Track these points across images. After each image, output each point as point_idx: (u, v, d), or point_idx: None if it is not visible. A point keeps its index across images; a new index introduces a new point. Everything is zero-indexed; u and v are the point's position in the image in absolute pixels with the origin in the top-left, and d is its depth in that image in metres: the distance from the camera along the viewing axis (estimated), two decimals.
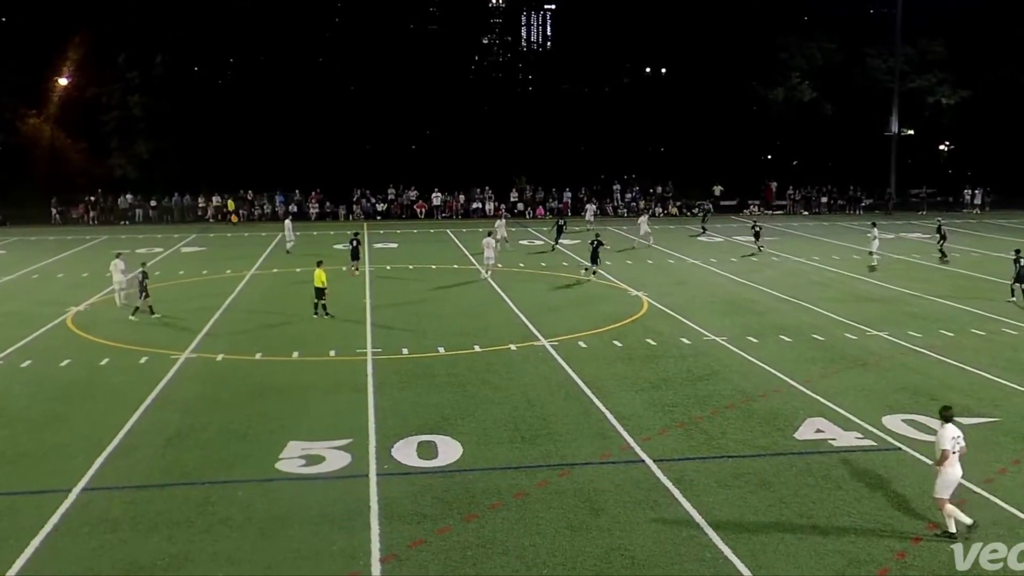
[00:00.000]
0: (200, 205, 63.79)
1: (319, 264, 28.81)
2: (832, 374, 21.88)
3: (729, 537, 13.01)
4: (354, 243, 37.72)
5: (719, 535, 13.07)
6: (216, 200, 63.71)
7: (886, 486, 14.97)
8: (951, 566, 12.15)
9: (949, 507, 13.03)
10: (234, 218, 62.19)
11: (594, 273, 36.01)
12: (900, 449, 16.67)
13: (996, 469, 15.64)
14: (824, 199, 69.13)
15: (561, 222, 47.39)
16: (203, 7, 67.01)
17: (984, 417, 18.40)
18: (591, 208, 59.37)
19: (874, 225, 43.09)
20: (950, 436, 13.08)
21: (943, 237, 41.62)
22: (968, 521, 13.00)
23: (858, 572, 12.07)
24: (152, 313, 28.43)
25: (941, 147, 77.51)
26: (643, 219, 48.36)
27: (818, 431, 17.69)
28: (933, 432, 17.33)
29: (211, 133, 65.93)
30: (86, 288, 34.15)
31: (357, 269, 37.00)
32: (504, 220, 50.23)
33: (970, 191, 69.66)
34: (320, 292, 28.34)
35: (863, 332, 26.37)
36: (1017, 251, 32.00)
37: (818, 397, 19.89)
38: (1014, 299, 30.98)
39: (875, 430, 17.70)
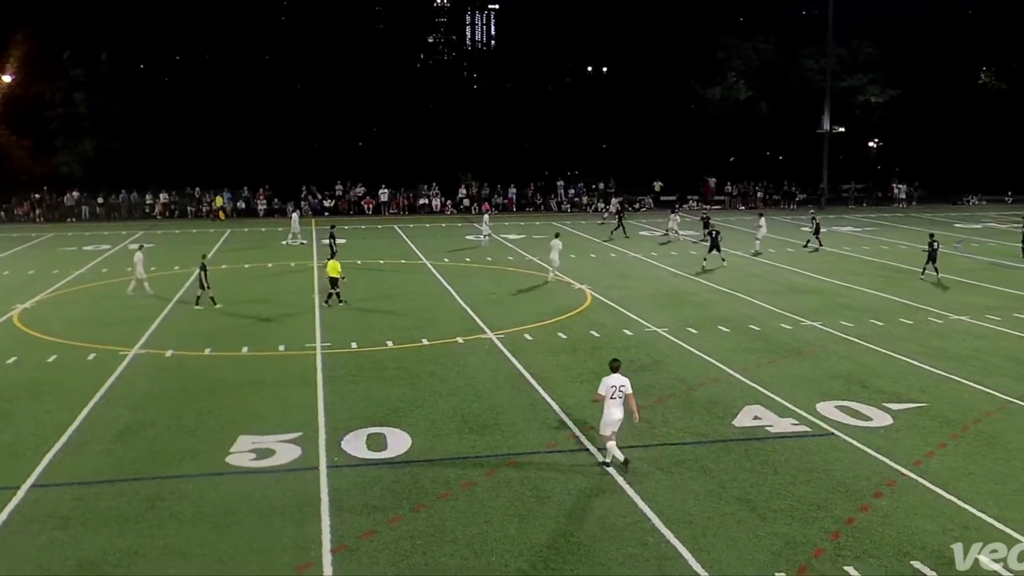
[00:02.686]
0: (147, 202, 62.77)
1: (332, 256, 31.45)
2: (769, 363, 22.18)
3: (671, 521, 13.14)
4: (332, 235, 37.46)
5: (661, 520, 13.19)
6: (163, 197, 62.79)
7: (820, 470, 15.21)
8: (882, 546, 12.44)
9: (610, 443, 15.05)
10: (221, 214, 61.88)
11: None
12: (833, 434, 16.94)
13: (924, 452, 15.98)
14: (760, 194, 70.19)
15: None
16: (147, 6, 65.87)
17: (912, 403, 18.80)
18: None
19: (761, 215, 45.37)
20: (609, 384, 15.00)
21: (816, 229, 43.97)
22: (621, 458, 15.01)
23: (794, 553, 12.25)
24: (214, 304, 28.86)
25: (871, 144, 78.93)
26: (673, 216, 49.01)
27: (756, 418, 17.90)
28: (865, 418, 17.89)
29: (158, 131, 64.92)
30: (32, 285, 33.45)
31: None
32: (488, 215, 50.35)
33: (897, 186, 71.27)
34: (334, 282, 29.12)
35: (798, 322, 26.79)
36: (931, 235, 35.97)
37: (755, 385, 20.15)
38: (923, 276, 34.37)
39: (810, 416, 17.97)
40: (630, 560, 12.02)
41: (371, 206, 64.91)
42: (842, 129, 72.29)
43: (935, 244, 35.34)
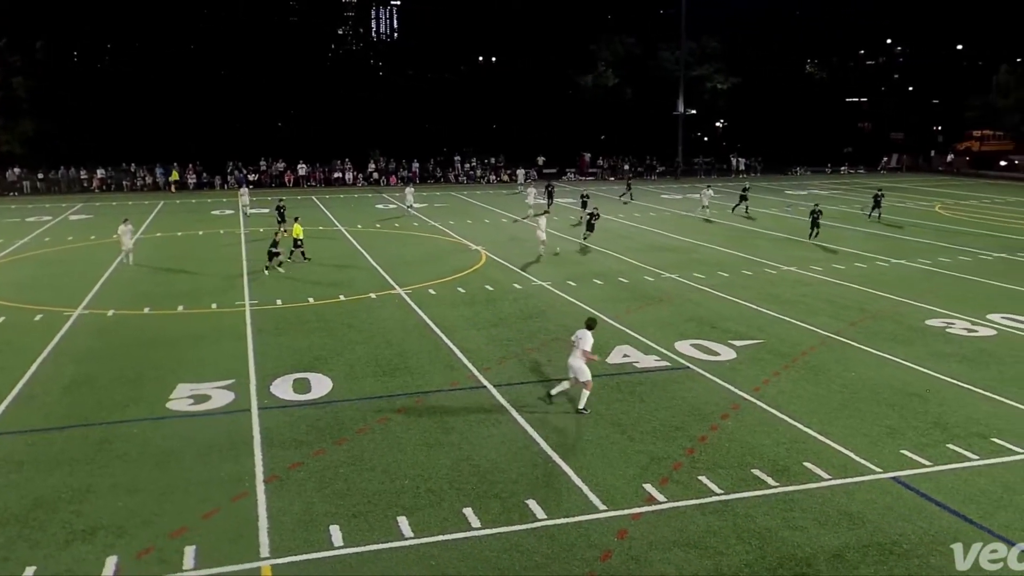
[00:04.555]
0: (83, 177, 59.83)
1: (296, 220, 31.04)
2: (635, 310, 22.64)
3: (557, 444, 13.38)
4: (280, 208, 36.14)
5: (548, 444, 13.42)
6: (100, 172, 59.96)
7: (678, 397, 15.63)
8: (729, 458, 12.92)
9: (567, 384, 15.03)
10: (173, 188, 59.76)
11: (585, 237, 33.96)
12: (688, 368, 17.41)
13: (762, 380, 16.60)
14: (627, 167, 71.09)
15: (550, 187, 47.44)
16: None
17: (752, 340, 19.47)
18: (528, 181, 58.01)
19: (708, 187, 45.78)
20: (576, 334, 14.86)
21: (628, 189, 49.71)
22: (553, 392, 15.21)
23: (658, 467, 12.62)
24: (272, 268, 27.83)
25: (717, 124, 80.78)
26: (706, 191, 45.59)
27: (625, 356, 18.25)
28: (714, 353, 18.41)
29: (93, 112, 61.78)
30: None
31: (285, 231, 35.30)
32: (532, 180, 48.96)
33: (737, 159, 73.33)
34: (296, 242, 29.71)
35: (659, 275, 27.39)
36: (879, 189, 41.79)
37: (625, 329, 20.56)
38: (871, 218, 39.29)
39: (669, 353, 18.44)
40: (523, 478, 12.22)
41: (291, 179, 63.39)
42: (693, 111, 73.62)
43: (879, 195, 40.34)
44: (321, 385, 16.35)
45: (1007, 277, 26.99)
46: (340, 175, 64.78)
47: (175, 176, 60.71)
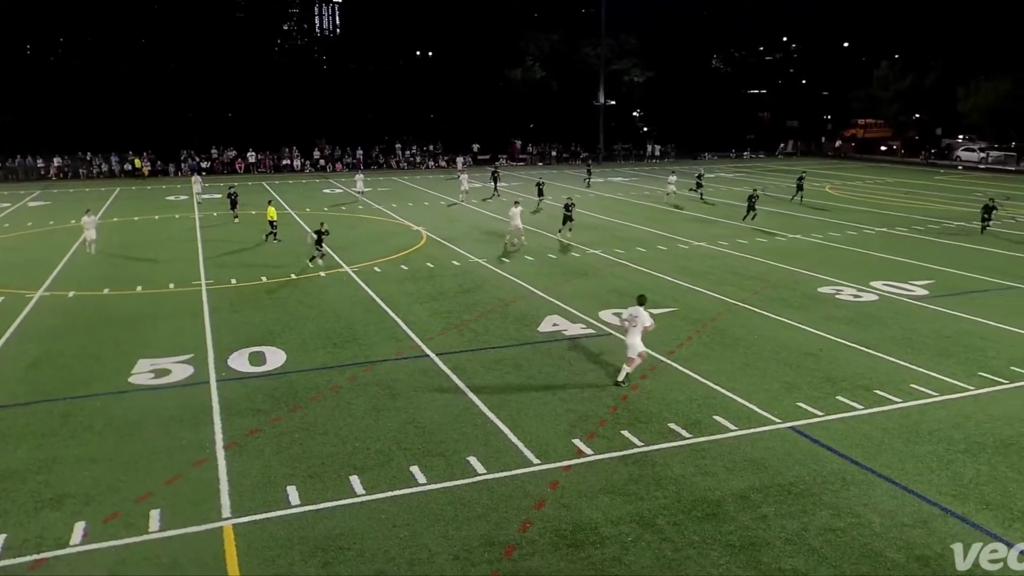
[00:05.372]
0: (40, 165, 57.25)
1: (269, 203, 30.49)
2: (563, 283, 22.75)
3: (494, 406, 13.43)
4: (232, 195, 35.04)
5: (487, 406, 13.46)
6: (57, 161, 57.44)
7: (602, 361, 15.82)
8: (648, 414, 13.14)
9: (628, 368, 14.44)
10: (145, 171, 57.97)
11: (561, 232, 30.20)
12: (611, 335, 17.58)
13: (676, 344, 16.91)
14: (554, 153, 71.27)
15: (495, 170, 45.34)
16: None
17: (667, 308, 19.74)
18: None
19: (673, 172, 44.73)
20: (627, 312, 14.49)
21: (589, 175, 49.06)
22: (620, 378, 14.40)
23: (585, 424, 12.76)
24: (318, 261, 24.84)
25: (634, 114, 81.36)
26: (671, 177, 42.76)
27: (554, 325, 18.34)
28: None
29: (49, 103, 59.05)
30: None
31: (237, 217, 34.27)
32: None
33: (652, 145, 74.11)
34: (272, 224, 29.02)
35: (584, 251, 27.59)
36: (803, 172, 42.49)
37: (554, 300, 20.65)
38: (792, 201, 39.38)
39: (594, 322, 18.62)
40: (464, 437, 12.25)
41: (242, 166, 61.73)
42: (613, 102, 74.04)
43: (802, 178, 40.61)
44: (275, 357, 16.08)
45: (887, 249, 27.97)
46: (288, 162, 63.37)
47: (139, 163, 58.56)
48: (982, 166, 65.20)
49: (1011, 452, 11.79)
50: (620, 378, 14.45)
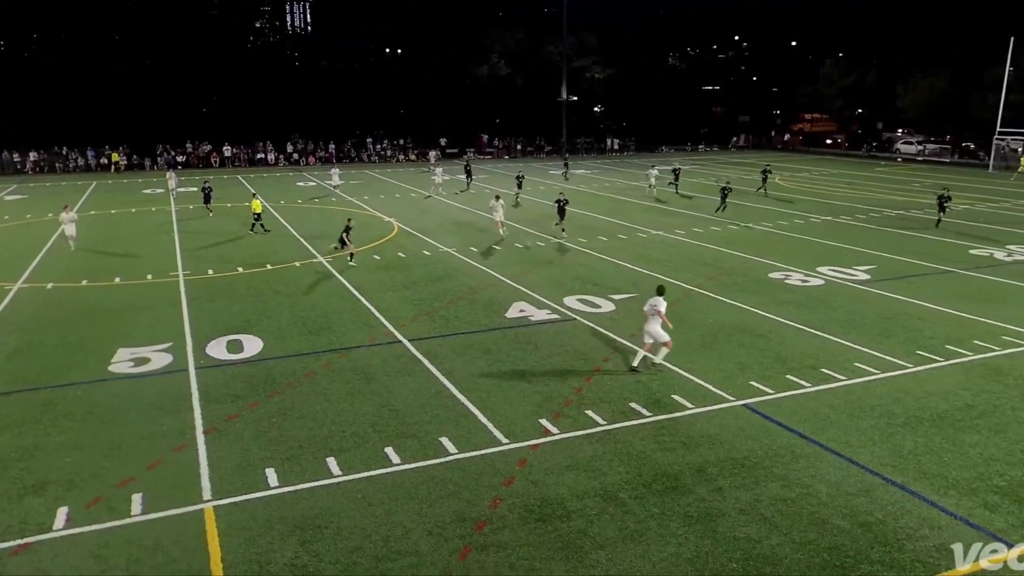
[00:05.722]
0: (17, 160, 55.72)
1: (254, 196, 30.29)
2: (530, 271, 22.78)
3: (464, 389, 13.45)
4: (206, 189, 34.27)
5: (457, 388, 13.48)
6: (33, 155, 55.99)
7: (567, 345, 15.90)
8: (610, 394, 13.28)
9: (643, 353, 14.38)
10: (122, 166, 56.60)
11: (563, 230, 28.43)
12: (575, 319, 17.71)
13: (636, 327, 16.77)
14: (519, 147, 71.18)
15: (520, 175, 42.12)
16: None
17: (627, 294, 19.92)
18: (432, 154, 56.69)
19: (653, 166, 43.61)
20: (648, 302, 14.25)
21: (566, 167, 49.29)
22: (634, 363, 14.38)
23: (551, 404, 12.84)
24: (351, 258, 23.64)
25: (595, 109, 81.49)
26: (652, 171, 42.10)
27: (521, 311, 18.39)
28: (597, 306, 18.74)
29: (26, 98, 57.36)
30: None
31: (211, 211, 33.46)
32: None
33: (611, 140, 74.37)
34: (257, 216, 28.87)
35: (549, 241, 27.65)
36: (767, 166, 42.77)
37: (521, 287, 20.70)
38: (758, 193, 39.00)
39: (559, 307, 18.69)
40: (435, 419, 12.27)
41: (217, 160, 60.73)
42: (575, 98, 74.01)
43: (767, 171, 40.91)
44: (253, 345, 15.93)
45: (832, 236, 28.48)
46: (263, 156, 62.50)
47: (116, 157, 57.18)
48: (920, 158, 66.55)
49: (946, 425, 12.15)
50: (634, 362, 14.41)
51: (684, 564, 8.60)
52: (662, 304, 14.13)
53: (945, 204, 30.60)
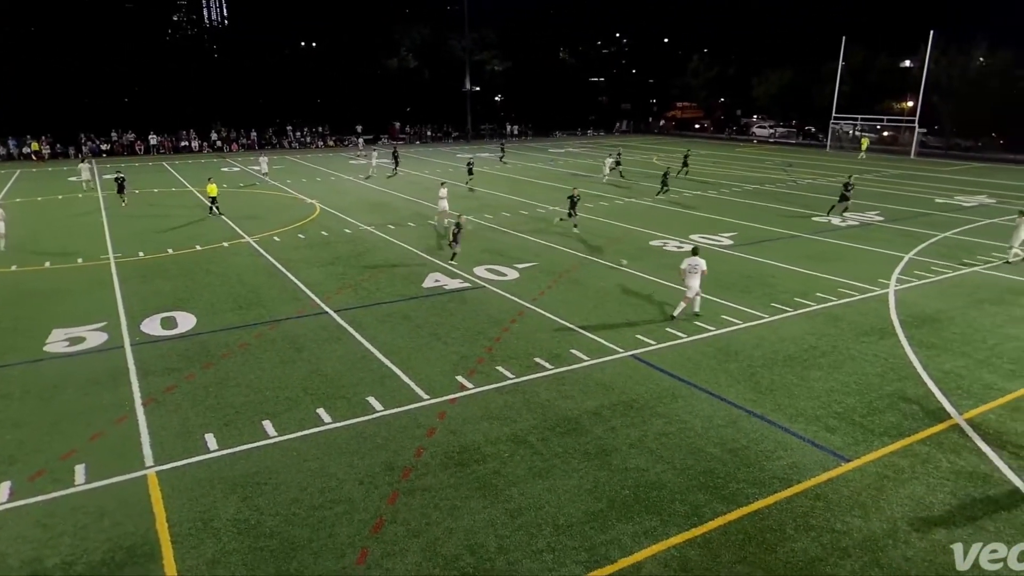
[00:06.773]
0: None
1: (209, 180, 28.95)
2: (443, 246, 22.63)
3: (388, 353, 13.32)
4: (119, 180, 31.74)
5: (382, 353, 13.33)
6: None
7: (478, 310, 15.84)
8: (518, 352, 13.41)
9: (684, 304, 15.06)
10: (45, 155, 52.25)
11: (575, 226, 24.91)
12: (485, 287, 17.74)
13: (538, 292, 17.25)
14: (428, 133, 70.03)
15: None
16: None
17: (530, 263, 20.11)
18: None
19: (610, 155, 40.46)
20: (687, 262, 14.89)
21: (502, 151, 46.80)
22: (675, 312, 15.11)
23: (466, 363, 12.89)
24: (452, 258, 20.41)
25: (496, 98, 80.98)
26: (608, 160, 39.25)
27: (436, 281, 18.28)
28: (503, 275, 18.84)
29: None
30: None
31: (125, 202, 30.79)
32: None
33: (510, 126, 74.24)
34: (213, 200, 28.16)
35: (457, 218, 27.41)
36: (687, 151, 42.77)
37: (434, 259, 20.54)
38: (679, 176, 37.95)
39: (470, 277, 18.67)
40: (362, 381, 12.12)
41: (142, 148, 56.96)
42: (478, 88, 73.28)
43: (687, 156, 41.20)
44: (186, 321, 15.22)
45: (701, 208, 29.53)
46: (187, 143, 59.05)
47: (36, 147, 52.73)
48: (771, 140, 69.70)
49: (795, 364, 12.95)
50: (676, 312, 15.05)
51: (584, 494, 8.89)
52: (703, 263, 14.81)
53: (847, 193, 27.33)
